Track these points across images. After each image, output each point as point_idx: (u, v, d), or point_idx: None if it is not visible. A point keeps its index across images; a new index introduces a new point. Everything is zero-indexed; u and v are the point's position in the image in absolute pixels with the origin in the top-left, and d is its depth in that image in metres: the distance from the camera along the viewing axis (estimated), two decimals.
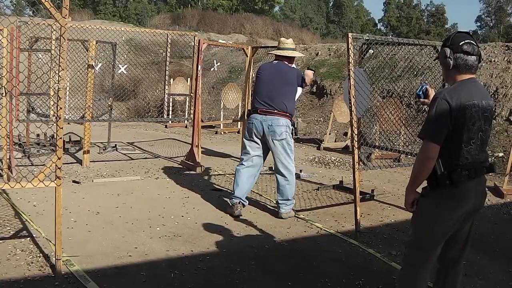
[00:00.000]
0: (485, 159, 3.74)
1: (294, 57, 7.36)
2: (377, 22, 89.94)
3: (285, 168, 7.05)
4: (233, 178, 7.30)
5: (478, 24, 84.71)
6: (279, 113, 6.95)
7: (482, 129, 3.63)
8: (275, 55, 7.33)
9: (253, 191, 8.26)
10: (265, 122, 6.92)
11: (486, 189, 3.89)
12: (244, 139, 7.26)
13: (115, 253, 5.42)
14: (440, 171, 3.58)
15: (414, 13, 79.18)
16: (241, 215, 6.96)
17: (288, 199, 7.07)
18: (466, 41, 3.62)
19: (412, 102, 12.87)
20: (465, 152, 3.57)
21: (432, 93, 4.26)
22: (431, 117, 3.56)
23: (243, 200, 7.10)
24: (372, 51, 9.38)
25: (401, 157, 11.24)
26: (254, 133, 7.02)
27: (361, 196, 7.06)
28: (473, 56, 3.62)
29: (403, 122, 9.22)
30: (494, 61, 13.96)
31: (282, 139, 6.95)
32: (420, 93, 4.31)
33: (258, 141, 7.07)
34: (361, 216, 6.62)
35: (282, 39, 7.39)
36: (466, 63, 3.62)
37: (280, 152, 7.01)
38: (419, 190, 3.75)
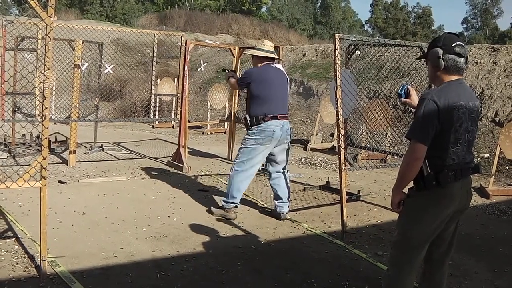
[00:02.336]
0: (471, 160, 3.75)
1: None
2: (364, 23, 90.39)
3: (284, 167, 7.24)
4: (229, 182, 7.00)
5: (465, 26, 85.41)
6: (287, 116, 7.08)
7: (468, 130, 3.64)
8: (262, 56, 7.08)
9: None
10: (283, 127, 6.87)
11: (472, 189, 3.90)
12: (257, 145, 6.83)
13: (101, 254, 5.39)
14: (426, 171, 3.58)
15: (401, 14, 79.55)
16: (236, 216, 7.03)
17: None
18: (457, 43, 3.64)
19: (398, 103, 12.91)
20: (451, 153, 3.58)
21: (413, 93, 4.31)
22: (419, 118, 3.55)
23: (237, 204, 7.06)
24: (359, 52, 9.38)
25: (387, 158, 11.27)
26: (273, 140, 6.84)
27: (347, 197, 7.07)
28: (463, 58, 3.65)
29: (390, 123, 9.25)
30: (480, 62, 14.02)
31: (290, 141, 7.14)
32: (402, 92, 4.33)
33: (272, 147, 6.94)
34: (347, 216, 6.63)
35: (264, 40, 7.34)
36: (456, 64, 3.64)
37: (289, 154, 7.25)
38: (405, 190, 3.74)
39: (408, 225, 3.73)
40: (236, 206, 7.01)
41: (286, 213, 7.11)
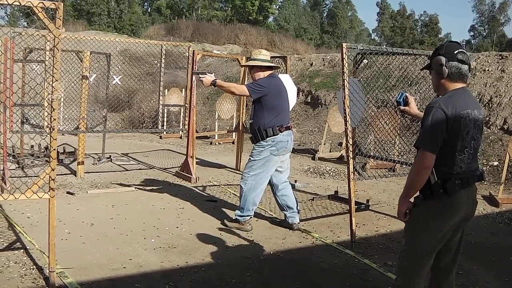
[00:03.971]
0: (476, 168, 3.76)
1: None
2: (371, 32, 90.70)
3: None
4: (244, 195, 6.86)
5: (472, 33, 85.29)
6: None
7: (474, 138, 3.65)
8: (265, 66, 6.95)
9: None
10: (292, 138, 6.98)
11: (481, 198, 3.92)
12: (273, 156, 6.74)
13: (110, 265, 5.38)
14: (434, 180, 3.58)
15: (408, 23, 79.64)
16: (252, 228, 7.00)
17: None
18: (460, 50, 3.64)
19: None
20: (459, 161, 3.58)
21: (412, 100, 4.37)
22: (427, 127, 3.53)
23: (252, 215, 7.06)
24: (366, 61, 9.38)
25: (396, 167, 11.24)
26: (287, 151, 6.89)
27: (356, 206, 7.04)
28: (466, 65, 3.65)
29: (398, 131, 9.22)
30: (488, 70, 13.98)
31: None
32: (401, 100, 4.34)
33: (284, 159, 6.98)
34: (356, 226, 6.60)
35: (261, 50, 7.28)
36: (460, 71, 3.63)
37: (289, 164, 7.22)
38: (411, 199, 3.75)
39: (415, 234, 3.73)
40: (250, 218, 6.96)
41: (298, 223, 7.05)
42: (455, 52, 3.63)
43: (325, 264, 5.74)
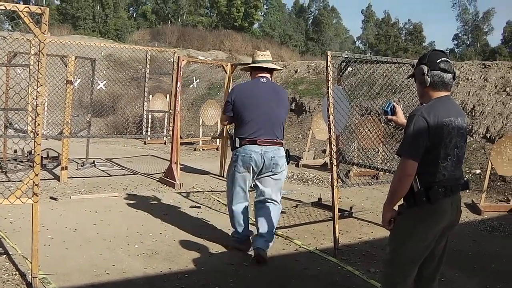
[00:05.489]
0: (460, 176, 3.77)
1: (273, 71, 6.39)
2: (355, 40, 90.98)
3: (275, 199, 6.24)
4: (230, 216, 6.36)
5: (455, 42, 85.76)
6: (279, 143, 6.07)
7: (457, 146, 3.66)
8: (252, 68, 6.25)
9: None
10: (266, 154, 5.91)
11: (464, 206, 3.91)
12: (236, 173, 6.07)
13: (93, 271, 5.36)
14: (417, 188, 3.59)
15: (392, 31, 79.97)
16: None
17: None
18: (442, 59, 3.66)
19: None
20: (441, 169, 3.60)
21: (399, 110, 4.35)
22: (409, 134, 3.56)
23: (250, 234, 6.38)
24: (351, 69, 9.43)
25: (379, 174, 11.29)
26: (252, 168, 5.95)
27: (339, 213, 7.06)
28: (449, 74, 3.67)
29: (381, 139, 9.27)
30: (471, 79, 14.10)
31: (282, 171, 6.13)
32: (388, 109, 4.33)
33: (253, 175, 6.06)
34: (339, 233, 6.62)
35: (258, 51, 6.38)
36: (442, 80, 3.65)
37: (274, 185, 6.19)
38: (395, 207, 3.75)
39: (399, 242, 3.73)
40: (248, 237, 6.30)
41: (263, 249, 5.99)
42: (437, 61, 3.65)
43: (308, 271, 5.75)
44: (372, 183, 8.74)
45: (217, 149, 15.81)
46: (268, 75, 6.22)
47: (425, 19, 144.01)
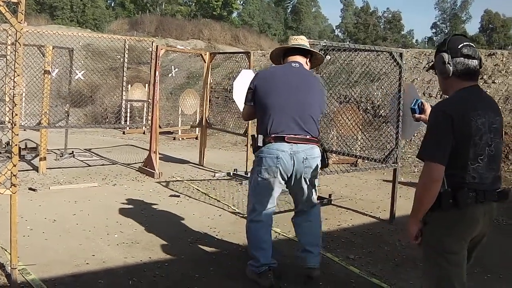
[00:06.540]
0: (495, 180, 3.23)
1: (310, 56, 5.27)
2: (334, 28, 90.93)
3: (312, 207, 5.29)
4: (247, 237, 5.27)
5: (434, 30, 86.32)
6: (313, 140, 4.95)
7: (489, 144, 3.16)
8: (284, 54, 5.21)
9: (211, 197, 8.30)
10: (297, 155, 4.79)
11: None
12: (260, 180, 4.92)
13: (73, 261, 5.36)
14: (443, 188, 3.13)
15: (371, 19, 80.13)
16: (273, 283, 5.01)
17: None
18: (465, 43, 3.23)
19: (368, 107, 13.00)
20: (471, 170, 3.11)
21: (428, 107, 3.92)
22: (431, 134, 3.17)
23: (272, 264, 5.10)
24: (330, 57, 9.46)
25: (358, 162, 11.35)
26: (280, 172, 4.83)
27: (318, 201, 7.10)
28: (474, 60, 3.22)
29: (360, 127, 9.32)
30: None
31: (316, 175, 5.08)
32: (415, 107, 3.92)
33: (283, 182, 4.99)
34: None
35: (292, 36, 5.40)
36: (467, 68, 3.21)
37: (310, 189, 5.13)
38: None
39: (436, 253, 3.23)
40: (269, 269, 5.01)
41: (316, 267, 5.16)
42: (459, 47, 3.20)
43: (288, 258, 5.76)
44: (351, 170, 8.80)
45: (196, 138, 15.81)
46: (302, 60, 5.10)
47: (404, 7, 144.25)
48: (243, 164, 10.53)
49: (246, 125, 10.39)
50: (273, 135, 4.75)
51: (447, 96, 3.33)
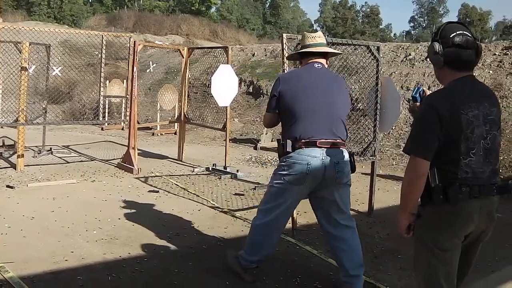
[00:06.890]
0: (491, 173, 3.12)
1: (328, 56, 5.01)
2: (313, 22, 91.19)
3: (349, 220, 4.91)
4: (250, 234, 5.02)
5: (412, 24, 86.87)
6: (342, 144, 4.70)
7: (484, 137, 3.05)
8: (300, 54, 5.00)
9: (190, 192, 8.32)
10: (328, 160, 4.50)
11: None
12: (286, 185, 4.62)
13: (51, 258, 5.34)
14: (434, 182, 3.05)
15: (350, 14, 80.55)
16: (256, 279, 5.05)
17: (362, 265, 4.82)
18: (457, 32, 3.08)
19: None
20: (464, 165, 3.01)
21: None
22: (416, 129, 3.10)
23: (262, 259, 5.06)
24: None
25: None
26: (309, 180, 4.56)
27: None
28: (467, 50, 3.08)
29: None
30: (427, 60, 14.29)
31: (348, 181, 4.79)
32: (417, 95, 3.65)
33: (308, 189, 4.70)
34: (297, 214, 6.69)
35: (308, 33, 5.03)
36: (459, 58, 3.08)
37: (345, 202, 4.84)
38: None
39: (427, 250, 3.17)
40: (257, 267, 5.06)
41: None
42: (451, 36, 3.07)
43: None
44: None
45: (175, 133, 15.82)
46: (323, 61, 4.88)
47: (382, 1, 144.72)
48: (222, 159, 10.55)
49: (224, 120, 10.41)
50: (304, 140, 4.50)
51: (442, 86, 3.24)
